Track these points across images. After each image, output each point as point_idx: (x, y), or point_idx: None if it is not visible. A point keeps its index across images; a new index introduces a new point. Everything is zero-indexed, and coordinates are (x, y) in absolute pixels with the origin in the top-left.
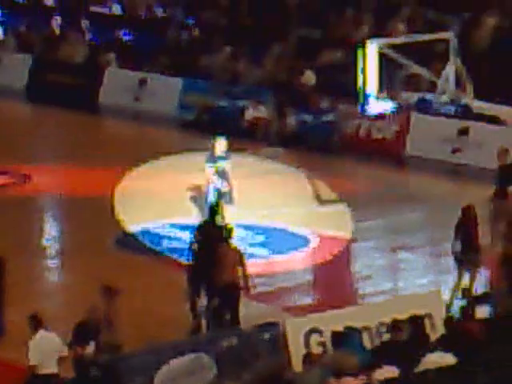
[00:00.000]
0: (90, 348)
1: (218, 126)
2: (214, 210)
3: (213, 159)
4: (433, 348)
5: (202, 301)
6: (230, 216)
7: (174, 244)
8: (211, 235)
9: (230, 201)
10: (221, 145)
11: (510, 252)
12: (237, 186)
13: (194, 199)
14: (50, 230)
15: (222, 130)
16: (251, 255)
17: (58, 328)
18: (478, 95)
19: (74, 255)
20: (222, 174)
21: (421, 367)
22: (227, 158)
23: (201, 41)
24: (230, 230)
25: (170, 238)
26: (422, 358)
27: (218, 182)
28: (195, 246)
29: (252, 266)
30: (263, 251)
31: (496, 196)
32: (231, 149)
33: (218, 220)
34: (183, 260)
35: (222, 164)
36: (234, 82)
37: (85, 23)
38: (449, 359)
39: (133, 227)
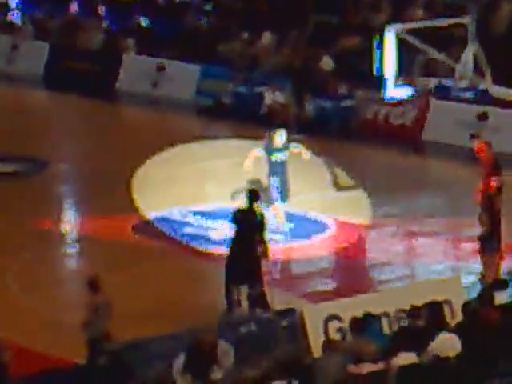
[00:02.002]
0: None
1: (236, 113)
2: (251, 195)
3: (270, 150)
4: (450, 333)
5: (240, 289)
6: (279, 209)
7: (193, 231)
8: (248, 221)
9: (283, 195)
10: (280, 136)
11: None
12: (255, 172)
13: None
14: (66, 215)
15: (239, 116)
16: (269, 241)
17: (74, 316)
18: (497, 80)
19: (90, 241)
20: (277, 167)
21: (437, 353)
22: (285, 150)
23: (219, 27)
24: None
25: (188, 224)
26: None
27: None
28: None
29: (270, 252)
30: (282, 237)
31: None
32: (262, 137)
33: (255, 206)
34: (202, 247)
35: (279, 156)
36: (252, 68)
37: (102, 9)
38: (456, 345)
39: (151, 214)
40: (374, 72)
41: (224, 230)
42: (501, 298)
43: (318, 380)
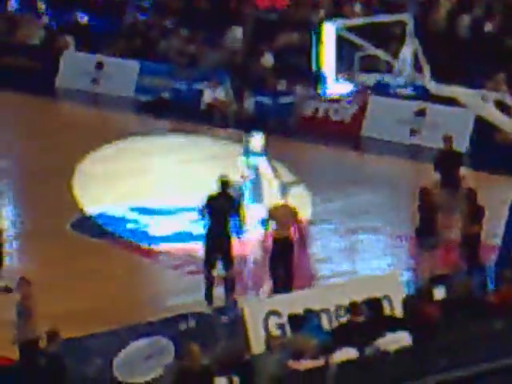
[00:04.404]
0: None
1: (176, 109)
2: (224, 182)
3: (247, 153)
4: (390, 329)
5: (217, 271)
6: (256, 213)
7: (132, 227)
8: (223, 207)
9: (258, 198)
10: (257, 140)
11: (470, 233)
12: (194, 168)
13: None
14: (5, 213)
15: (179, 112)
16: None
17: (11, 313)
18: (435, 77)
19: (30, 238)
20: (253, 170)
21: (378, 348)
22: (262, 154)
23: (157, 24)
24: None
25: (127, 221)
26: (379, 339)
27: (248, 176)
28: (206, 218)
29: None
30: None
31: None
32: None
33: (229, 192)
34: (141, 243)
35: (255, 160)
36: (192, 65)
37: (42, 5)
38: (405, 340)
39: (91, 210)
40: (313, 68)
41: (163, 227)
42: (439, 293)
43: (258, 376)
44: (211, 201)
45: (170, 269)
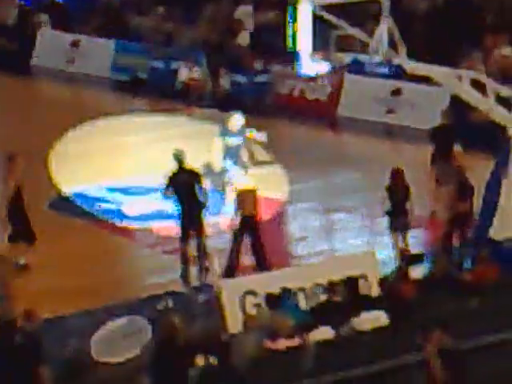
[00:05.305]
0: None
1: (152, 88)
2: (178, 157)
3: (225, 134)
4: (366, 308)
5: (192, 247)
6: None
7: (108, 206)
8: (184, 181)
9: (234, 178)
10: (235, 120)
11: (457, 210)
12: (170, 147)
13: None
14: None
15: (155, 91)
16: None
17: None
18: (411, 56)
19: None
20: (232, 150)
21: (355, 327)
22: (241, 134)
23: (133, 2)
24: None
25: (104, 200)
26: (356, 318)
27: (223, 158)
28: (170, 194)
29: None
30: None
31: (438, 159)
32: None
33: (187, 165)
34: (117, 222)
35: (233, 141)
36: (168, 44)
37: None
38: (382, 319)
39: (67, 190)
40: (290, 47)
41: (138, 205)
42: (416, 272)
43: (235, 356)
44: (173, 178)
45: (146, 248)
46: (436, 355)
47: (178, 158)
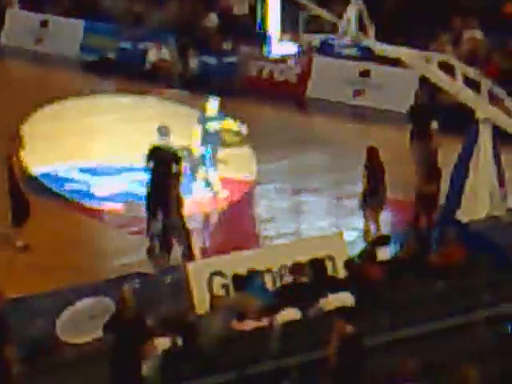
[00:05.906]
0: None
1: (121, 68)
2: (162, 132)
3: (203, 120)
4: (333, 289)
5: (158, 224)
6: (211, 179)
7: (78, 187)
8: (163, 158)
9: (213, 164)
10: (212, 105)
11: (427, 191)
12: (139, 128)
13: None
14: None
15: (124, 71)
16: None
17: None
18: (380, 37)
19: None
20: (210, 136)
21: (321, 308)
22: (218, 119)
23: None
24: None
25: (73, 180)
26: (322, 299)
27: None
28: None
29: None
30: None
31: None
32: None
33: (167, 143)
34: (86, 203)
35: (212, 125)
36: (137, 25)
37: None
38: (348, 300)
39: (36, 170)
40: (258, 28)
41: (108, 186)
42: (383, 254)
43: (202, 337)
44: (155, 152)
45: (114, 228)
46: (337, 343)
47: (162, 132)
